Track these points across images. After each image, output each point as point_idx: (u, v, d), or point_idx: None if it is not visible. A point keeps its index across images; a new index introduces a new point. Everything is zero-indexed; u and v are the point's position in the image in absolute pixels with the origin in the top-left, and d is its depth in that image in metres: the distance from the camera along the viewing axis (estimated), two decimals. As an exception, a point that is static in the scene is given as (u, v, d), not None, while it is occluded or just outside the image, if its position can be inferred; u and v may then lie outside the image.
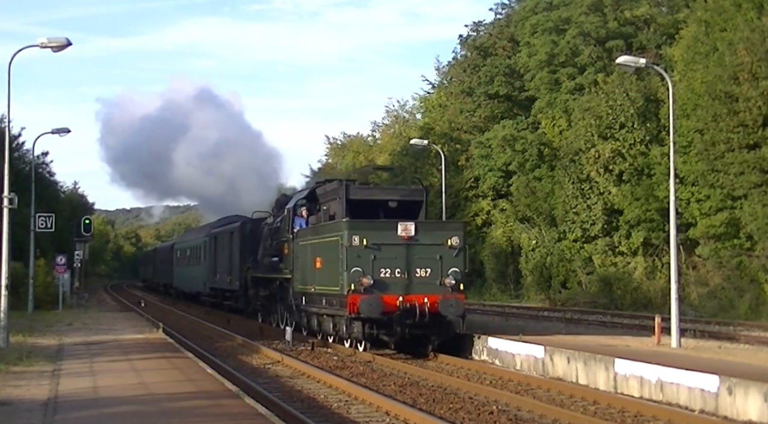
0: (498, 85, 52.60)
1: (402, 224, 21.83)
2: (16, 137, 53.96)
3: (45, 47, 23.49)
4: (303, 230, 26.11)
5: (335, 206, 24.38)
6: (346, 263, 21.46)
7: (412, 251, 21.69)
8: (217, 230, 44.36)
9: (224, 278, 40.50)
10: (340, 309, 22.17)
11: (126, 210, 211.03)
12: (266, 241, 31.51)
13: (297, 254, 25.94)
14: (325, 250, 23.27)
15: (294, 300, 26.57)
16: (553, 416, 13.46)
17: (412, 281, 21.62)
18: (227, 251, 40.02)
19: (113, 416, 12.57)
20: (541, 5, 51.81)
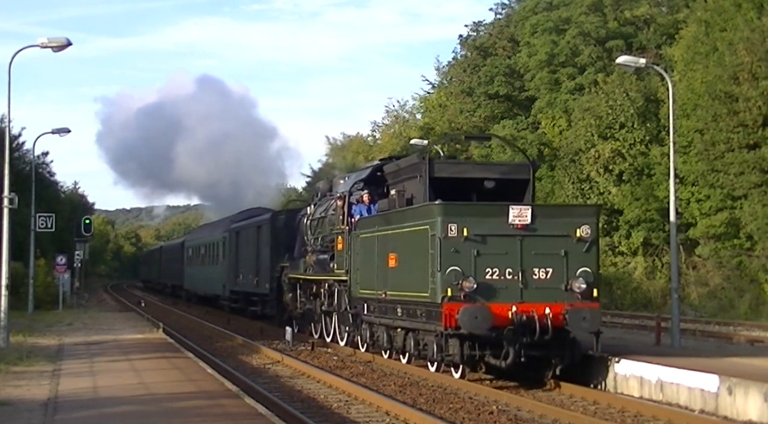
0: (498, 85, 52.57)
1: (515, 208, 16.74)
2: (16, 137, 53.99)
3: (45, 47, 23.52)
4: (365, 219, 21.14)
5: (414, 187, 19.27)
6: (440, 260, 16.39)
7: (528, 245, 16.65)
8: (239, 225, 39.20)
9: (249, 279, 35.63)
10: (427, 322, 17.23)
11: (126, 210, 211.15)
12: (305, 235, 26.72)
13: (357, 250, 21.03)
14: (404, 243, 18.27)
15: (351, 308, 21.90)
16: (553, 416, 13.47)
17: (528, 284, 16.57)
18: (253, 248, 35.23)
19: (113, 416, 12.58)
20: (541, 5, 51.80)
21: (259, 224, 34.77)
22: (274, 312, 31.22)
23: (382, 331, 20.23)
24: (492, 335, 16.25)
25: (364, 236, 20.78)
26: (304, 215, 27.56)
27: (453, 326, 16.27)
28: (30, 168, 44.67)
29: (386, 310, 19.43)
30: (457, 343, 16.57)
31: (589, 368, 17.19)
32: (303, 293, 26.79)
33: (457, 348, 16.61)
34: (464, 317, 16.03)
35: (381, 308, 19.76)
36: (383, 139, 68.65)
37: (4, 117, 40.45)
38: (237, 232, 38.88)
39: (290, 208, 31.83)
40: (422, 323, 17.53)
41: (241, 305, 37.65)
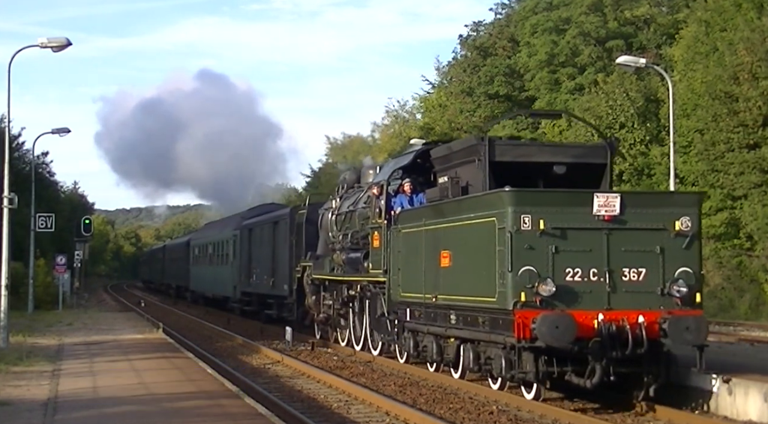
0: (498, 85, 52.57)
1: (601, 196, 14.27)
2: (16, 137, 54.01)
3: (45, 47, 23.54)
4: (409, 211, 18.51)
5: (469, 173, 16.60)
6: (511, 259, 13.87)
7: (617, 240, 14.14)
8: (252, 222, 36.51)
9: (264, 280, 32.79)
10: (493, 332, 14.61)
11: (126, 210, 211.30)
12: (330, 231, 24.14)
13: (398, 247, 18.47)
14: (461, 239, 15.73)
15: (390, 313, 19.25)
16: (553, 416, 13.47)
17: (616, 287, 14.05)
18: (268, 246, 32.49)
19: (113, 416, 12.58)
20: (541, 5, 51.80)
21: (275, 220, 31.83)
22: (293, 316, 27.99)
23: (429, 341, 17.40)
24: (575, 349, 13.72)
25: (407, 231, 18.07)
26: (328, 209, 24.96)
27: (528, 337, 13.71)
28: (30, 168, 44.72)
29: (436, 316, 16.80)
30: (532, 358, 13.93)
31: (684, 388, 14.64)
32: (329, 295, 24.04)
33: (531, 364, 13.94)
34: (543, 327, 13.45)
35: (429, 315, 17.09)
36: (383, 139, 68.68)
37: (4, 117, 40.56)
38: (250, 229, 36.16)
39: (312, 202, 28.27)
40: (485, 333, 14.89)
41: (255, 308, 34.92)
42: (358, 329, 22.27)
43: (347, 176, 24.57)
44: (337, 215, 23.77)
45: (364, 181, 22.87)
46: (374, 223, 19.93)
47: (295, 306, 27.91)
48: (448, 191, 16.92)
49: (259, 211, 38.55)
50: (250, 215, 38.85)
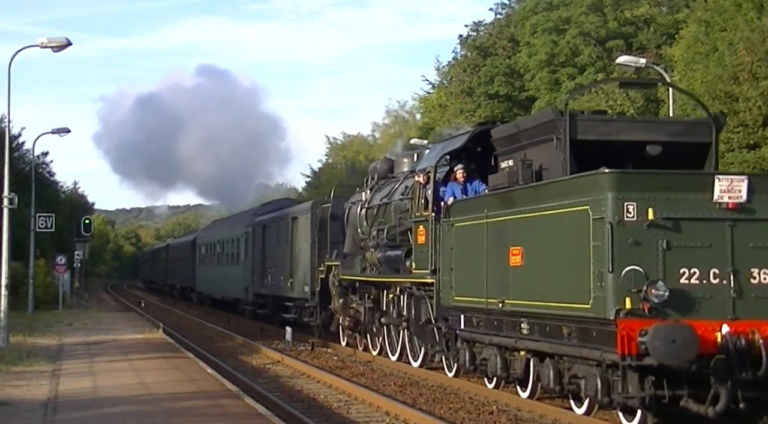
0: (498, 85, 52.56)
1: (723, 179, 11.75)
2: (16, 137, 54.01)
3: (45, 47, 23.55)
4: (464, 202, 16.07)
5: (543, 154, 14.04)
6: (612, 256, 11.40)
7: (743, 233, 11.69)
8: (265, 218, 33.89)
9: (280, 281, 30.13)
10: (584, 345, 12.07)
11: (126, 210, 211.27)
12: (359, 227, 22.20)
13: (450, 243, 15.94)
14: (539, 232, 13.17)
15: (439, 319, 16.79)
16: (553, 416, 13.45)
17: (743, 292, 11.58)
18: (286, 244, 29.81)
19: (113, 416, 12.58)
20: (541, 5, 51.80)
21: (294, 216, 29.19)
22: (316, 320, 25.69)
23: (491, 353, 14.83)
24: (692, 368, 11.19)
25: (463, 225, 15.58)
26: (356, 202, 22.99)
27: (634, 353, 11.17)
28: (30, 168, 44.73)
29: (501, 325, 14.36)
30: (636, 378, 11.36)
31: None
32: (359, 298, 21.76)
33: (637, 386, 11.35)
34: (656, 341, 10.94)
35: (492, 323, 14.67)
36: (383, 139, 68.69)
37: (4, 117, 40.56)
38: (263, 226, 33.52)
39: (338, 195, 26.26)
40: (572, 347, 12.33)
41: (269, 311, 32.34)
42: (395, 336, 20.11)
43: (378, 166, 22.57)
44: (367, 208, 21.74)
45: (398, 170, 21.18)
46: (418, 216, 17.36)
47: (317, 310, 25.41)
48: (518, 176, 14.26)
49: (273, 206, 36.14)
50: (263, 211, 36.39)
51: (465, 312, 15.64)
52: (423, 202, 17.26)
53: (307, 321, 26.72)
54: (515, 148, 14.92)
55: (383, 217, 20.57)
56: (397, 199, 19.76)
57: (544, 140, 13.96)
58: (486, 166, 16.54)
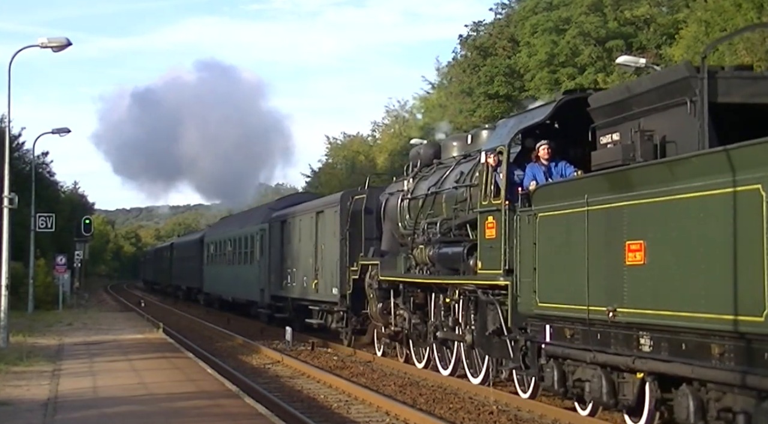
0: (498, 85, 52.57)
1: None
2: (16, 137, 54.03)
3: (45, 47, 23.53)
4: (553, 186, 13.23)
5: (669, 122, 11.44)
6: None
7: None
8: (285, 213, 31.03)
9: (303, 282, 27.35)
10: (749, 371, 9.29)
11: (126, 210, 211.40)
12: (400, 221, 19.83)
13: (532, 237, 13.13)
14: (672, 221, 10.35)
15: (515, 330, 13.95)
16: (553, 416, 13.45)
17: None
18: (309, 241, 26.90)
19: (113, 416, 12.58)
20: (541, 5, 51.80)
21: (319, 210, 26.36)
22: (346, 326, 23.50)
23: (593, 374, 11.92)
24: None
25: (550, 215, 12.81)
26: (395, 193, 20.79)
27: None
28: (30, 168, 44.72)
29: (608, 339, 11.55)
30: None
31: None
32: (404, 303, 19.01)
33: None
34: None
35: (593, 336, 11.82)
36: (383, 139, 68.67)
37: (4, 117, 40.62)
38: (282, 221, 30.64)
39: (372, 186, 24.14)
40: (729, 372, 9.52)
41: (289, 315, 29.21)
42: (449, 348, 17.55)
43: (422, 151, 20.10)
44: (410, 199, 19.47)
45: (446, 156, 18.91)
46: (486, 205, 14.60)
47: (348, 315, 23.15)
48: (634, 151, 11.51)
49: (291, 200, 33.66)
50: (281, 205, 33.63)
51: (553, 322, 12.75)
52: (492, 189, 14.36)
53: (336, 328, 24.31)
54: (625, 118, 12.22)
55: (432, 208, 18.10)
56: (449, 187, 17.35)
57: (671, 105, 11.35)
58: (570, 145, 14.15)
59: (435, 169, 18.97)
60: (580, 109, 13.30)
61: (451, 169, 17.75)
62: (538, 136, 14.44)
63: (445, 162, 18.72)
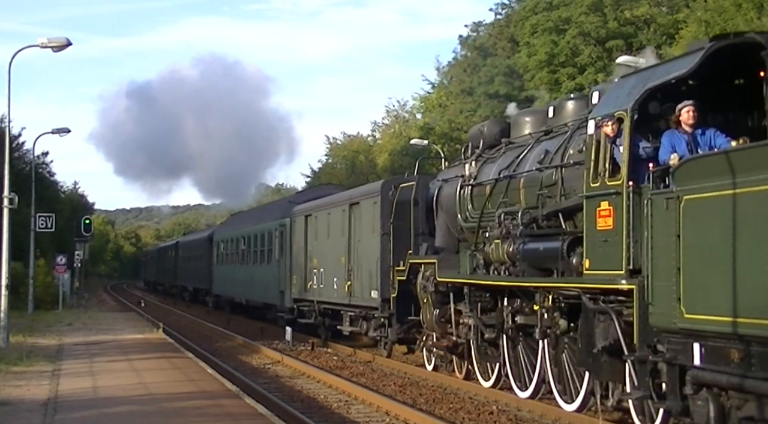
0: (498, 85, 52.60)
1: None
2: (16, 137, 54.03)
3: (45, 47, 23.54)
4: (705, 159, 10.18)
5: None
6: None
7: None
8: (309, 206, 27.86)
9: (333, 283, 24.33)
10: None
11: (126, 210, 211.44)
12: (461, 211, 16.98)
13: (674, 228, 10.08)
14: None
15: (644, 348, 10.75)
16: (553, 416, 13.45)
17: None
18: (340, 237, 23.99)
19: (113, 416, 12.58)
20: (541, 5, 51.83)
21: (354, 201, 23.45)
22: (390, 335, 20.71)
23: None
24: None
25: (705, 197, 9.75)
26: (450, 180, 17.99)
27: None
28: (30, 168, 44.69)
29: None
30: None
31: None
32: (471, 310, 15.99)
33: None
34: None
35: None
36: (383, 139, 68.65)
37: (4, 117, 40.60)
38: (306, 215, 27.42)
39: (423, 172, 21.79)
40: None
41: (315, 321, 26.19)
42: (530, 364, 14.47)
43: (486, 129, 17.29)
44: (473, 186, 16.66)
45: (518, 133, 16.24)
46: (598, 187, 11.62)
47: (390, 321, 20.49)
48: None
49: (314, 193, 30.65)
50: (302, 198, 30.79)
51: (707, 340, 9.77)
52: (608, 166, 11.43)
53: (375, 336, 21.72)
54: None
55: (505, 196, 15.32)
56: (529, 169, 14.65)
57: None
58: (716, 108, 11.61)
59: (504, 150, 16.17)
60: (737, 58, 10.79)
61: (529, 149, 15.01)
62: (671, 97, 11.33)
63: (518, 141, 15.96)
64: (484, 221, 15.94)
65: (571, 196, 13.10)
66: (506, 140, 16.47)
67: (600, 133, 11.68)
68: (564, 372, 13.41)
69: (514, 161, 15.41)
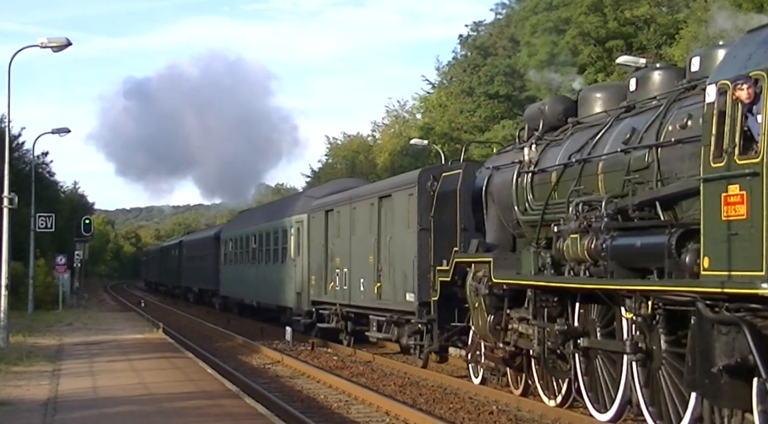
0: (498, 85, 52.63)
1: None
2: (16, 137, 54.04)
3: (45, 47, 23.55)
4: None
5: None
6: None
7: None
8: (329, 201, 25.77)
9: (359, 285, 22.36)
10: None
11: (126, 210, 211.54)
12: (518, 204, 14.64)
13: None
14: None
15: None
16: (553, 416, 13.44)
17: None
18: (368, 233, 21.95)
19: (113, 416, 12.58)
20: (541, 5, 51.85)
21: (384, 194, 21.43)
22: (435, 344, 18.48)
23: None
24: None
25: None
26: (503, 167, 15.60)
27: None
28: (30, 168, 44.71)
29: None
30: None
31: None
32: (535, 316, 13.65)
33: None
34: None
35: None
36: (383, 139, 68.64)
37: (4, 117, 40.61)
38: (327, 211, 25.35)
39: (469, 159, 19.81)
40: None
41: (337, 325, 24.14)
42: (611, 382, 12.15)
43: (547, 109, 15.12)
44: (534, 173, 14.42)
45: (589, 111, 14.17)
46: (720, 168, 9.46)
47: (430, 328, 18.48)
48: None
49: (335, 187, 28.18)
50: (322, 192, 28.42)
51: None
52: (738, 140, 9.30)
53: (411, 345, 19.64)
54: None
55: (578, 183, 13.04)
56: (610, 151, 12.42)
57: None
58: None
59: (572, 131, 14.11)
60: None
61: (607, 128, 12.86)
62: None
63: (588, 120, 13.92)
64: (549, 213, 13.71)
65: (671, 182, 11.04)
66: (573, 120, 14.35)
67: (725, 100, 9.38)
68: (660, 394, 10.98)
69: (587, 143, 13.16)
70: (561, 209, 13.26)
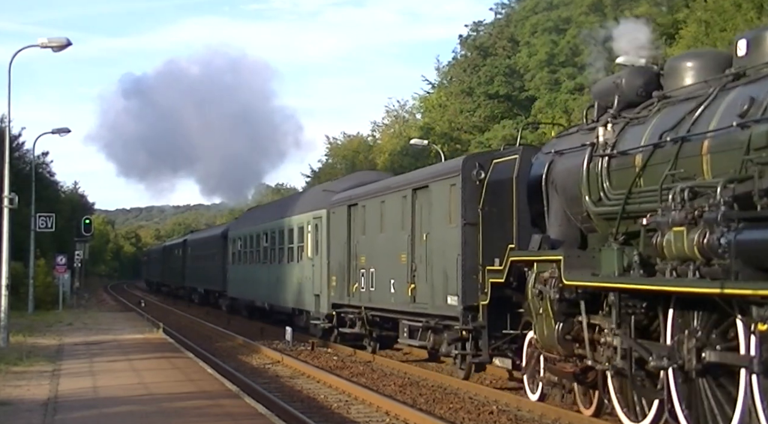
0: (498, 85, 52.62)
1: None
2: (16, 137, 54.05)
3: (45, 47, 23.57)
4: None
5: None
6: None
7: None
8: (351, 194, 23.52)
9: (388, 287, 20.22)
10: None
11: (126, 210, 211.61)
12: (590, 194, 12.51)
13: None
14: None
15: None
16: (553, 416, 13.44)
17: None
18: (398, 230, 19.84)
19: (113, 416, 12.58)
20: (541, 5, 51.87)
21: (420, 185, 19.17)
22: (486, 355, 16.23)
23: None
24: None
25: None
26: (568, 151, 13.52)
27: None
28: (30, 168, 44.71)
29: None
30: None
31: None
32: (619, 325, 11.41)
33: None
34: None
35: None
36: (383, 139, 68.64)
37: (4, 117, 40.61)
38: (350, 205, 23.14)
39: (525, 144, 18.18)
40: None
41: (362, 330, 22.20)
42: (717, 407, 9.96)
43: (624, 81, 12.90)
44: (611, 156, 12.27)
45: (678, 83, 12.05)
46: None
47: (479, 336, 16.29)
48: None
49: (357, 180, 26.26)
50: (342, 186, 26.06)
51: None
52: None
53: (452, 354, 17.31)
54: None
55: (674, 166, 10.83)
56: (721, 126, 10.26)
57: None
58: None
59: (658, 107, 12.00)
60: None
61: (711, 100, 10.74)
62: None
63: (680, 93, 11.78)
64: (632, 203, 11.63)
65: None
66: (659, 93, 12.24)
67: None
68: None
69: (684, 119, 11.00)
70: (649, 198, 11.18)
